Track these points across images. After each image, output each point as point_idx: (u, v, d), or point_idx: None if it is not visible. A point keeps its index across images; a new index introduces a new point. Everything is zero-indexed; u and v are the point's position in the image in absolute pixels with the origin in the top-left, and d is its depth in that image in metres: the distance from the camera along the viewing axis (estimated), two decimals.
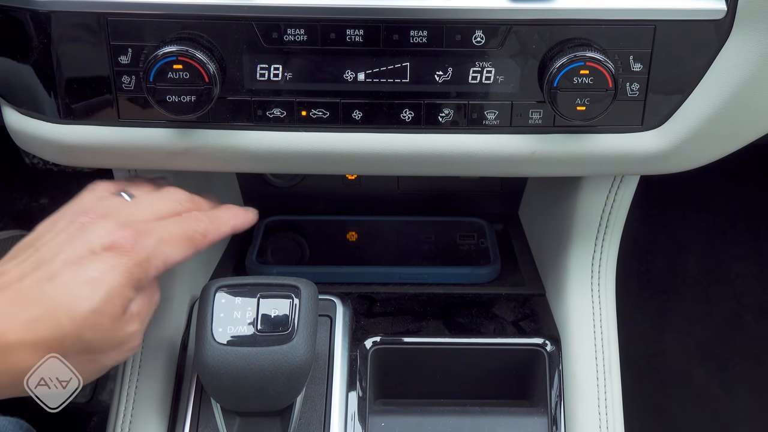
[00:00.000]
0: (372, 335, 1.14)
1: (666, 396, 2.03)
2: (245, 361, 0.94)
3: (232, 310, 0.96)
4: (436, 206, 1.44)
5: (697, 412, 2.00)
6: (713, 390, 2.03)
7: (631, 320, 1.53)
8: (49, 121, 0.99)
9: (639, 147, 0.99)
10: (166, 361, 1.12)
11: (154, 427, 1.08)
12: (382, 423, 1.09)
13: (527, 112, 0.97)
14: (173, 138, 0.99)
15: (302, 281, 0.99)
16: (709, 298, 2.15)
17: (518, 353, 1.14)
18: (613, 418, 1.10)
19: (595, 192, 1.15)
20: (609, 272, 1.20)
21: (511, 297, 1.23)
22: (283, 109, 0.97)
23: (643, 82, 0.95)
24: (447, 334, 1.16)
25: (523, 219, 1.43)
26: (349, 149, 0.99)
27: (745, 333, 2.11)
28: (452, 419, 1.10)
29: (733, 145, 1.02)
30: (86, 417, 1.91)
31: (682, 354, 2.08)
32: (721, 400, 2.02)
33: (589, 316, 1.16)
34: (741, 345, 2.09)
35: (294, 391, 0.98)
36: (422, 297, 1.22)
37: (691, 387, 2.04)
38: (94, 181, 1.01)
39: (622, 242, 1.21)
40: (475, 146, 0.99)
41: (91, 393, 1.95)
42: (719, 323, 2.12)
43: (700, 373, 2.05)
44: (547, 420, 1.09)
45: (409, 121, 0.97)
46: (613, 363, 1.14)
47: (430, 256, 1.35)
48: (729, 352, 2.08)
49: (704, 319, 2.12)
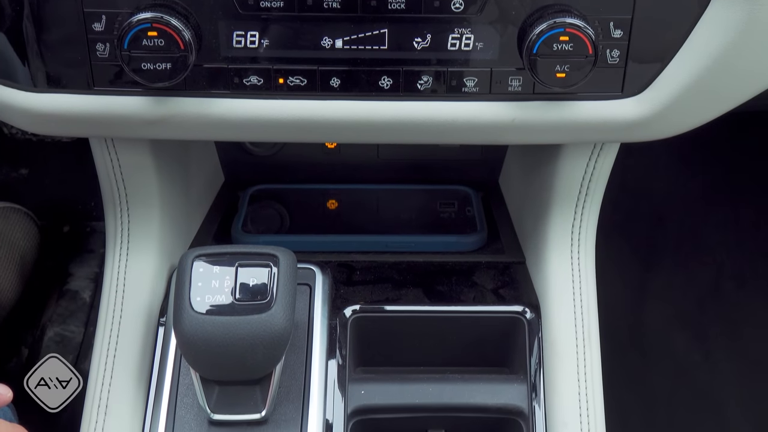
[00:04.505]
0: (352, 303, 1.14)
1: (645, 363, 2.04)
2: (224, 330, 0.93)
3: (210, 279, 0.96)
4: (416, 174, 1.43)
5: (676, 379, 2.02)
6: (692, 357, 2.05)
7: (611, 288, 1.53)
8: (22, 89, 0.98)
9: (619, 114, 0.99)
10: (145, 331, 1.12)
11: (132, 396, 1.08)
12: (362, 391, 1.09)
13: (507, 80, 0.96)
14: (148, 106, 0.97)
15: (281, 250, 0.99)
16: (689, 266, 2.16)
17: (498, 321, 1.15)
18: (593, 385, 1.11)
19: (576, 159, 1.15)
20: (589, 240, 1.20)
21: (491, 265, 1.24)
22: (260, 77, 0.96)
23: (623, 49, 0.94)
24: (427, 302, 1.16)
25: (503, 187, 1.43)
26: (328, 117, 0.98)
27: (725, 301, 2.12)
28: (432, 386, 1.10)
29: (714, 112, 1.02)
30: None
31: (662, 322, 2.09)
32: (701, 366, 2.04)
33: (568, 283, 1.17)
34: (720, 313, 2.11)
35: (273, 360, 0.98)
36: (402, 265, 1.22)
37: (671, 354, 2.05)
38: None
39: (602, 210, 1.21)
40: (455, 114, 0.98)
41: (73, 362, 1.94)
42: (699, 291, 2.13)
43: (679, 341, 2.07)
44: (527, 387, 1.10)
45: (387, 88, 0.97)
46: (592, 330, 1.15)
47: (415, 224, 1.35)
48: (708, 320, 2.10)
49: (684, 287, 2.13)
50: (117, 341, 1.10)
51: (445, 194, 1.40)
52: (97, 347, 1.11)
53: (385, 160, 1.42)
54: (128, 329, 1.11)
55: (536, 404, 1.09)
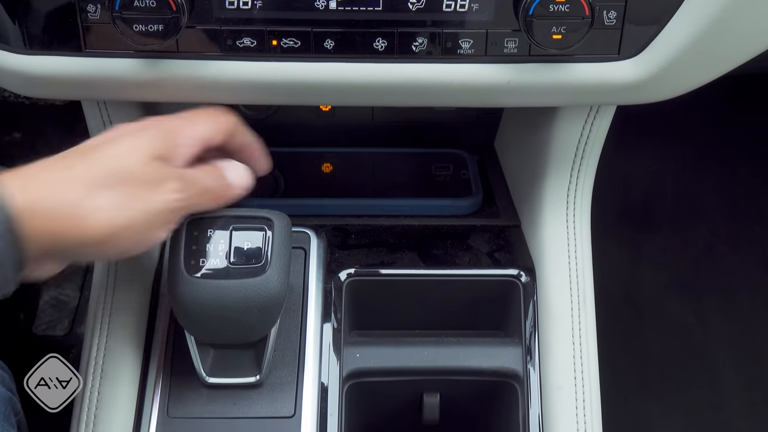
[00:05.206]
0: (347, 267, 1.14)
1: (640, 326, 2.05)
2: (218, 294, 0.93)
3: (204, 243, 0.96)
4: (411, 137, 1.43)
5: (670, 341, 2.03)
6: (687, 320, 2.06)
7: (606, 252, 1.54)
8: (14, 52, 0.97)
9: (616, 76, 0.98)
10: (140, 294, 1.12)
11: (128, 359, 1.08)
12: (357, 354, 1.09)
13: (502, 41, 0.95)
14: (140, 68, 0.96)
15: (275, 213, 0.98)
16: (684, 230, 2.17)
17: (493, 284, 1.15)
18: (587, 347, 1.11)
19: (571, 122, 1.14)
20: (584, 203, 1.20)
21: (487, 228, 1.23)
22: (254, 39, 0.95)
23: (620, 10, 0.93)
24: (422, 265, 1.16)
25: (498, 150, 1.42)
26: (322, 79, 0.97)
27: (719, 264, 2.13)
28: (427, 349, 1.10)
29: (711, 74, 1.01)
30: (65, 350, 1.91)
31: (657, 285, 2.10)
32: (695, 329, 2.05)
33: (564, 246, 1.17)
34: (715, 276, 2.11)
35: (268, 323, 0.98)
36: (397, 229, 1.22)
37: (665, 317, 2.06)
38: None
39: (598, 174, 1.21)
40: (450, 76, 0.98)
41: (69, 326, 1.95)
42: (694, 255, 2.14)
43: (674, 304, 2.08)
44: (522, 350, 1.10)
45: (382, 50, 0.96)
46: (587, 293, 1.15)
47: (410, 187, 1.34)
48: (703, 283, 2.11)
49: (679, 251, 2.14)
50: (112, 305, 1.10)
51: (440, 157, 1.39)
52: (91, 311, 1.11)
53: (380, 123, 1.41)
54: (123, 293, 1.11)
55: (531, 367, 1.09)
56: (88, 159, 0.85)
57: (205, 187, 0.93)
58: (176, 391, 1.04)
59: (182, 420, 1.03)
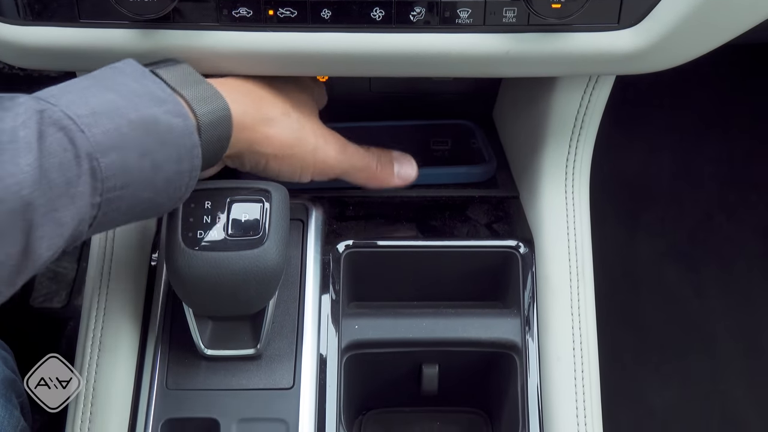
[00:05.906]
0: (345, 239, 1.13)
1: (637, 296, 2.06)
2: (216, 266, 0.93)
3: (201, 215, 0.95)
4: (408, 107, 1.42)
5: (667, 312, 2.03)
6: (684, 291, 2.06)
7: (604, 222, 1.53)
8: (9, 22, 0.96)
9: (615, 46, 0.97)
10: (137, 267, 1.11)
11: (126, 332, 1.08)
12: (355, 325, 1.09)
13: (501, 11, 0.94)
14: (135, 39, 0.95)
15: (273, 185, 0.98)
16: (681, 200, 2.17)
17: (492, 256, 1.14)
18: (586, 318, 1.11)
19: (570, 92, 1.13)
20: (583, 174, 1.20)
21: (485, 199, 1.23)
22: (249, 8, 0.94)
23: None
24: (420, 237, 1.16)
25: (497, 120, 1.42)
26: (319, 49, 0.96)
27: (716, 235, 2.13)
28: (425, 321, 1.10)
29: (711, 43, 1.01)
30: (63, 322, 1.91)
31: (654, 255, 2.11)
32: (692, 300, 2.06)
33: (562, 217, 1.16)
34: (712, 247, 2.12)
35: (266, 295, 0.98)
36: (395, 200, 1.22)
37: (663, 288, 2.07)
38: None
39: (596, 144, 1.20)
40: (448, 46, 0.97)
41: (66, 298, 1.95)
42: (691, 225, 2.14)
43: (671, 274, 2.08)
44: (520, 321, 1.10)
45: (379, 20, 0.95)
46: (586, 264, 1.15)
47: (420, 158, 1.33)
48: (700, 253, 2.11)
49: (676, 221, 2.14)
50: (109, 278, 1.10)
51: (447, 129, 1.38)
52: (89, 284, 1.11)
53: (377, 93, 1.40)
54: (120, 266, 1.11)
55: (530, 338, 1.09)
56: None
57: (362, 165, 1.11)
58: (175, 363, 1.04)
59: (181, 392, 1.03)
